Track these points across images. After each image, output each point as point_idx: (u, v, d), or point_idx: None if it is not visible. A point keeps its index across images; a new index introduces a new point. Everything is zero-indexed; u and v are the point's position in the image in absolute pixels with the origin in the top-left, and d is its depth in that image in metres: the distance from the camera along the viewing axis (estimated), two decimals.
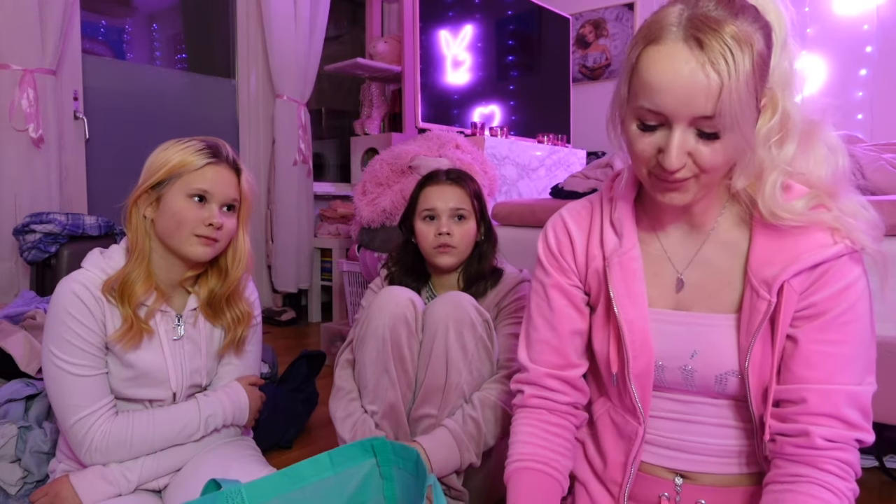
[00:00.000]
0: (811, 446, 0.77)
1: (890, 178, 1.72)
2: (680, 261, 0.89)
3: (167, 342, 1.15)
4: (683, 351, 0.86)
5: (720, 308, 0.85)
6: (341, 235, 3.56)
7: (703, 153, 0.74)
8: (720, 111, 0.70)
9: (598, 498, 0.95)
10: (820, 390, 0.77)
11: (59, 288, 1.09)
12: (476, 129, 2.87)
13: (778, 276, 0.79)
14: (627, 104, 0.79)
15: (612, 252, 0.90)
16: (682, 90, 0.71)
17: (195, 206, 1.11)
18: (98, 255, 1.15)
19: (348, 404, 1.30)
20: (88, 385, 1.08)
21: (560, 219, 0.98)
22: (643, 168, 0.79)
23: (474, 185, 1.44)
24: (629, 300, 0.88)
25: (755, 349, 0.81)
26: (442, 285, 1.45)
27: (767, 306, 0.79)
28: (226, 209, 1.15)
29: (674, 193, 0.79)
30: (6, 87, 2.46)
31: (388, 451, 0.92)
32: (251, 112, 3.61)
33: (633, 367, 0.87)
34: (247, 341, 1.25)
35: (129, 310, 1.09)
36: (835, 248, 0.78)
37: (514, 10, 3.44)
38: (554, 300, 0.95)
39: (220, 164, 1.14)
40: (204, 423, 1.16)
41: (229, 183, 1.15)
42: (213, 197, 1.12)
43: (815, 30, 3.22)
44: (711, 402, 0.87)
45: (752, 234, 0.84)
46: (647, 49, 0.74)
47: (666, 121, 0.74)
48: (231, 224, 1.16)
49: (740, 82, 0.70)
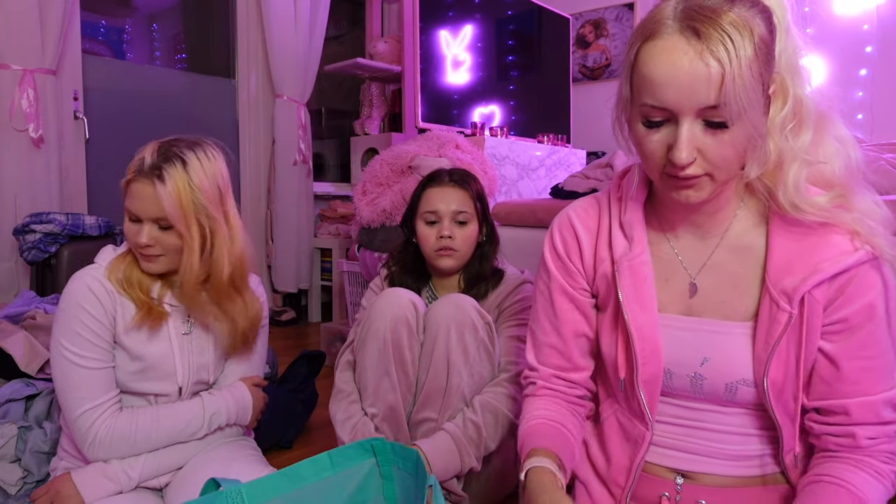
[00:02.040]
0: (856, 446, 0.80)
1: (890, 178, 1.72)
2: (692, 265, 0.87)
3: (176, 336, 1.16)
4: (694, 358, 0.85)
5: (733, 315, 0.84)
6: (341, 235, 3.56)
7: (713, 147, 0.72)
8: (725, 100, 0.69)
9: (598, 498, 0.94)
10: (862, 402, 0.79)
11: (73, 281, 1.11)
12: (476, 129, 2.87)
13: (798, 287, 0.77)
14: (631, 104, 0.78)
15: (622, 256, 0.87)
16: (683, 82, 0.70)
17: (131, 226, 1.10)
18: (111, 250, 1.17)
19: (348, 407, 1.29)
20: (95, 378, 1.09)
21: (567, 219, 0.95)
22: (655, 169, 0.78)
23: (477, 186, 1.42)
24: (639, 306, 0.86)
25: (774, 361, 0.79)
26: (443, 286, 1.45)
27: (788, 318, 0.78)
28: (161, 227, 1.08)
29: (689, 191, 0.77)
30: (6, 87, 2.46)
31: (388, 451, 0.92)
32: (251, 112, 3.61)
33: (642, 373, 0.86)
34: (251, 340, 1.24)
35: (140, 293, 1.11)
36: (855, 256, 0.76)
37: (514, 10, 3.44)
38: (558, 304, 0.94)
39: (139, 181, 1.06)
40: (208, 421, 1.16)
41: (148, 198, 1.06)
42: (140, 216, 1.08)
43: (815, 30, 3.22)
44: (718, 409, 0.86)
45: (770, 236, 0.82)
46: (644, 45, 0.73)
47: (671, 116, 0.73)
48: (169, 241, 1.09)
49: (743, 68, 0.68)
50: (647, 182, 0.91)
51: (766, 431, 0.86)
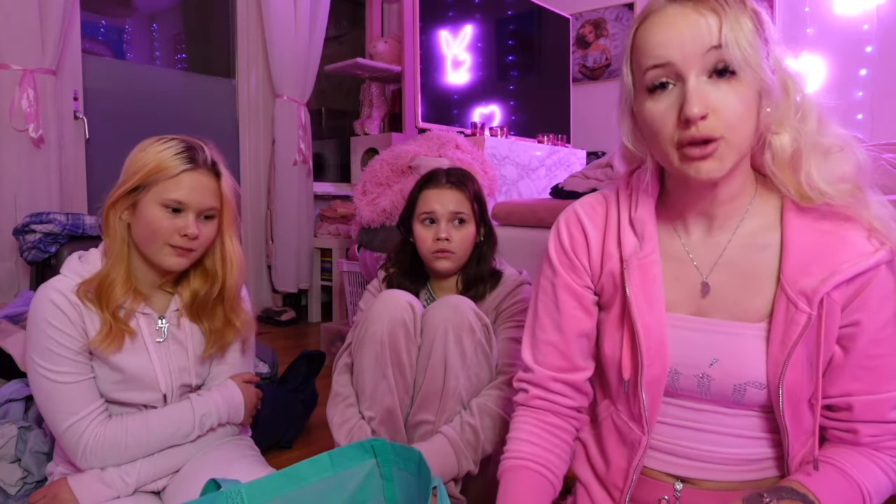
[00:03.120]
0: (857, 442, 0.81)
1: (890, 178, 1.71)
2: (704, 264, 0.85)
3: (152, 344, 1.14)
4: (702, 359, 0.83)
5: (745, 316, 0.82)
6: (341, 235, 3.56)
7: (724, 101, 0.72)
8: (725, 41, 0.70)
9: (599, 500, 0.94)
10: (867, 401, 0.79)
11: (37, 297, 1.07)
12: (476, 129, 2.87)
13: (819, 288, 0.76)
14: (634, 89, 0.78)
15: (632, 254, 0.85)
16: (683, 32, 0.72)
17: (169, 216, 1.07)
18: (76, 260, 1.13)
19: (345, 410, 1.29)
20: (75, 392, 1.07)
21: (574, 214, 0.93)
22: (668, 142, 0.75)
23: (475, 187, 1.41)
24: (647, 305, 0.84)
25: (792, 363, 0.78)
26: (441, 287, 1.44)
27: (808, 320, 0.76)
28: (203, 217, 1.11)
29: (708, 163, 0.73)
30: (6, 87, 2.46)
31: (389, 452, 0.92)
32: (251, 112, 3.61)
33: (647, 374, 0.84)
34: (237, 341, 1.24)
35: (105, 313, 1.07)
36: (875, 257, 0.75)
37: (514, 10, 3.44)
38: (563, 301, 0.91)
39: (197, 171, 1.09)
40: (199, 423, 1.15)
41: (207, 190, 1.10)
42: (189, 207, 1.08)
43: (815, 30, 3.22)
44: (723, 410, 0.85)
45: (785, 234, 0.80)
46: (641, 24, 0.77)
47: (676, 75, 0.73)
48: (209, 232, 1.12)
49: (739, 19, 0.71)
50: (660, 177, 0.89)
51: (770, 435, 0.84)
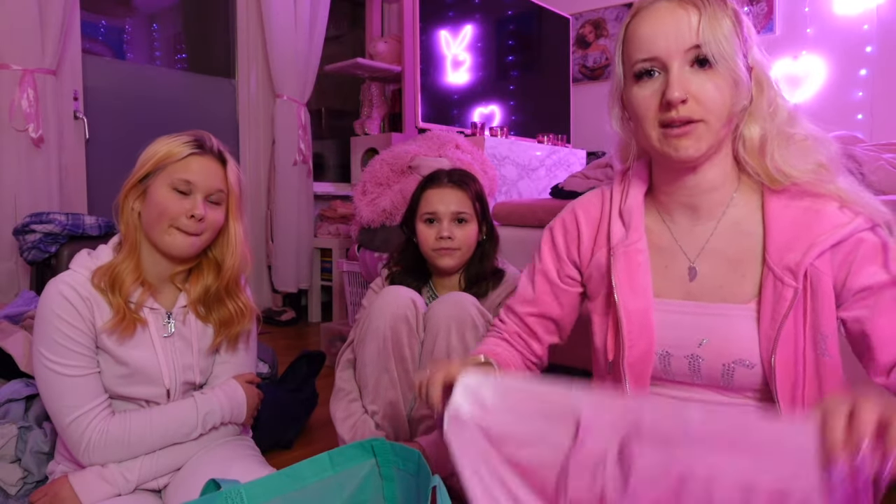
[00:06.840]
0: None
1: (890, 178, 1.71)
2: (691, 249, 0.90)
3: (158, 339, 1.15)
4: (692, 339, 0.86)
5: (734, 298, 0.85)
6: (341, 235, 3.56)
7: (702, 88, 0.79)
8: (704, 39, 0.78)
9: None
10: None
11: (47, 290, 1.08)
12: (476, 129, 2.87)
13: (801, 261, 0.79)
14: (624, 78, 0.85)
15: (618, 243, 0.91)
16: (668, 28, 0.80)
17: (177, 197, 1.10)
18: (86, 255, 1.15)
19: (349, 405, 1.30)
20: (80, 385, 1.07)
21: (572, 210, 1.02)
22: (651, 123, 0.82)
23: (476, 186, 1.43)
24: (631, 291, 0.89)
25: (782, 338, 0.80)
26: (443, 285, 1.45)
27: (794, 293, 0.80)
28: (211, 201, 1.14)
29: (687, 141, 0.80)
30: (6, 87, 2.46)
31: (388, 452, 0.92)
32: (251, 112, 3.61)
33: (629, 355, 0.88)
34: (241, 339, 1.24)
35: (119, 299, 1.09)
36: (851, 226, 0.79)
37: (514, 10, 3.44)
38: (538, 284, 1.03)
39: (204, 155, 1.14)
40: (202, 421, 1.16)
41: (214, 174, 1.14)
42: (197, 188, 1.11)
43: (815, 30, 3.22)
44: (717, 396, 0.87)
45: (766, 218, 0.85)
46: (632, 19, 0.84)
47: (661, 65, 0.81)
48: (216, 216, 1.15)
49: (717, 16, 0.79)
50: (648, 168, 0.95)
51: None
